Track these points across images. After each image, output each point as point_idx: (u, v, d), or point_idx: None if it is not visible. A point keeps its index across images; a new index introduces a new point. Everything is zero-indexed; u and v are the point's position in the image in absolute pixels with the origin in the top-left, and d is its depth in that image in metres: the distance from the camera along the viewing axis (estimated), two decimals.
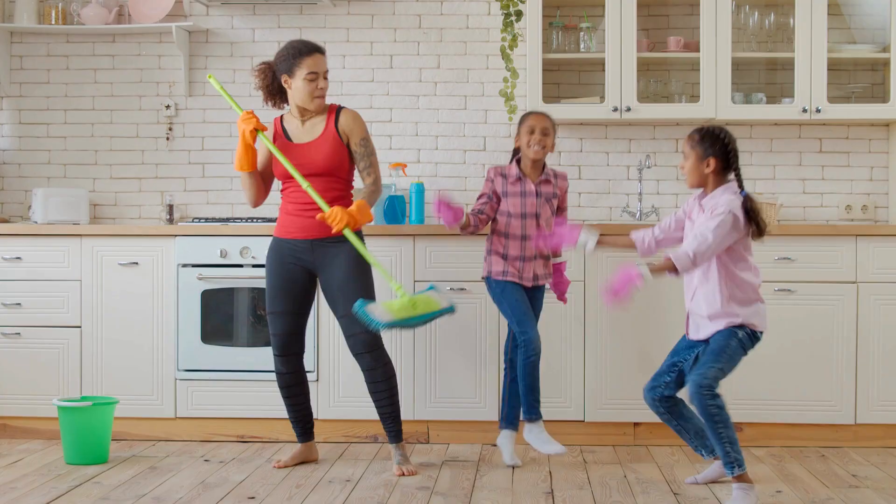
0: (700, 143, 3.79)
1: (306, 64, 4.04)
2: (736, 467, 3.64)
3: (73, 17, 5.40)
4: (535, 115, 4.34)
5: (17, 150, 5.51)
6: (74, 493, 3.84)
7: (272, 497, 3.78)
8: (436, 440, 4.80)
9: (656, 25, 5.31)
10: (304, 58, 4.04)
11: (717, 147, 3.77)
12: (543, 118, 4.31)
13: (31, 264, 4.87)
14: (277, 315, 4.21)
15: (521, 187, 4.30)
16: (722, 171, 3.79)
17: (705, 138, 3.78)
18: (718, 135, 3.78)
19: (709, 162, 3.77)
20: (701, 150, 3.78)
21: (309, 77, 4.04)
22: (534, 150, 4.26)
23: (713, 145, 3.77)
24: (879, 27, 5.20)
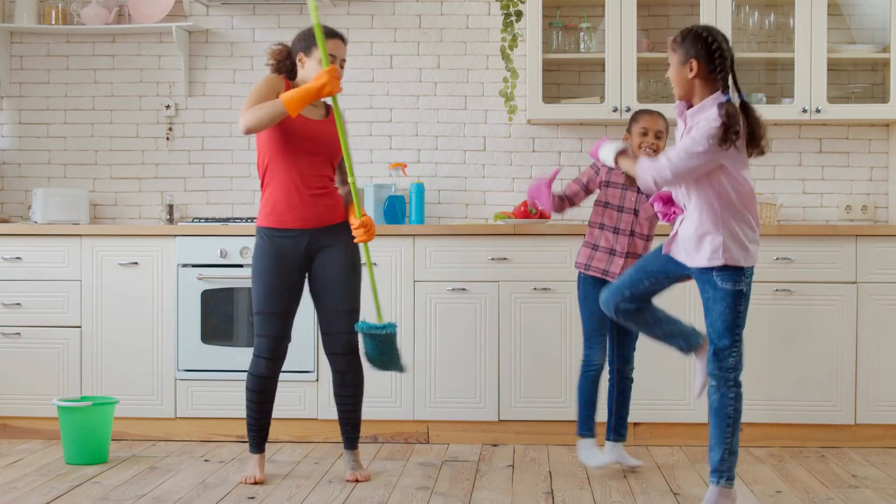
0: (681, 44, 3.34)
1: (328, 46, 3.88)
2: (724, 479, 3.39)
3: (73, 17, 5.41)
4: (648, 116, 4.09)
5: (17, 150, 5.51)
6: (74, 493, 3.84)
7: (272, 497, 3.78)
8: (436, 440, 4.80)
9: (656, 25, 5.31)
10: (325, 39, 3.87)
11: (699, 47, 3.30)
12: (657, 120, 4.09)
13: (31, 264, 4.87)
14: (271, 316, 3.96)
15: (624, 180, 4.13)
16: (709, 76, 3.32)
17: (686, 39, 3.33)
18: (700, 33, 3.31)
19: (691, 65, 3.33)
20: (682, 53, 3.33)
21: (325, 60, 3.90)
22: (646, 153, 4.05)
23: (694, 45, 3.31)
24: (879, 27, 5.20)
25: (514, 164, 5.35)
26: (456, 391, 4.76)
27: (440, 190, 5.37)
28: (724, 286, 3.39)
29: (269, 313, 3.97)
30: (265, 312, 3.97)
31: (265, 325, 3.98)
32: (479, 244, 4.75)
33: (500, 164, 5.36)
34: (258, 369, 4.01)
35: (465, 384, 4.75)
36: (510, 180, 5.35)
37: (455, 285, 4.75)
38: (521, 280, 4.74)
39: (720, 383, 3.41)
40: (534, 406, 4.75)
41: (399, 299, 4.76)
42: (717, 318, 3.42)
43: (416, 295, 4.76)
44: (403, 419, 4.77)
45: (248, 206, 5.42)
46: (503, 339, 4.75)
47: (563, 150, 5.34)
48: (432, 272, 4.76)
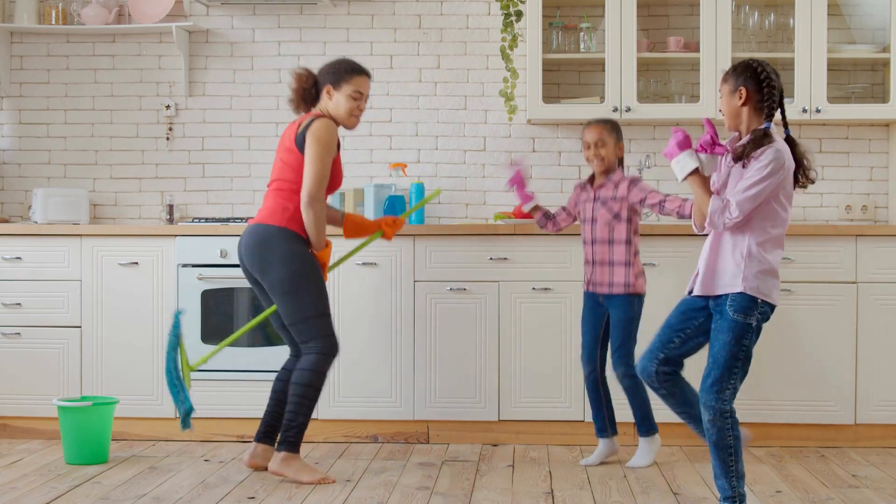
0: (732, 74, 3.40)
1: (355, 82, 4.08)
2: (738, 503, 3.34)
3: (73, 17, 5.41)
4: (588, 127, 4.33)
5: (17, 150, 5.51)
6: (74, 493, 3.84)
7: (272, 497, 3.78)
8: (436, 440, 4.80)
9: (656, 25, 5.31)
10: (355, 76, 4.09)
11: (749, 75, 3.35)
12: (595, 129, 4.30)
13: (31, 264, 4.87)
14: (329, 317, 4.07)
15: (585, 194, 4.38)
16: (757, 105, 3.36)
17: (737, 69, 3.39)
18: (751, 63, 3.37)
19: (740, 93, 3.36)
20: (732, 82, 3.38)
21: (354, 95, 4.08)
22: (594, 164, 4.32)
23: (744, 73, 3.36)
24: (879, 27, 5.20)
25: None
26: (456, 391, 4.76)
27: (440, 190, 5.36)
28: (734, 316, 3.34)
29: (328, 314, 4.05)
30: (328, 313, 4.05)
31: (330, 324, 4.05)
32: (479, 244, 4.75)
33: (501, 164, 5.35)
34: (331, 368, 4.08)
35: (465, 384, 4.75)
36: None
37: (455, 285, 4.75)
38: (521, 280, 4.74)
39: (716, 416, 3.33)
40: (534, 406, 4.75)
41: (399, 299, 4.76)
42: (721, 348, 3.35)
43: (416, 295, 4.76)
44: (403, 419, 4.77)
45: (248, 206, 5.42)
46: (503, 339, 4.75)
47: (563, 150, 5.34)
48: (432, 272, 4.76)
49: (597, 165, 4.31)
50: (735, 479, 3.34)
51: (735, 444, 3.33)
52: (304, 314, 3.99)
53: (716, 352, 3.36)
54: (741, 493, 3.34)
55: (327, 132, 3.98)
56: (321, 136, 3.97)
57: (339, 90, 4.07)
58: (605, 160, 4.28)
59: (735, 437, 3.33)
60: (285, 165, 4.06)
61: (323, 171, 3.96)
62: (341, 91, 4.06)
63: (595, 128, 4.30)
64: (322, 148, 3.96)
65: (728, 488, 3.34)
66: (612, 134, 4.30)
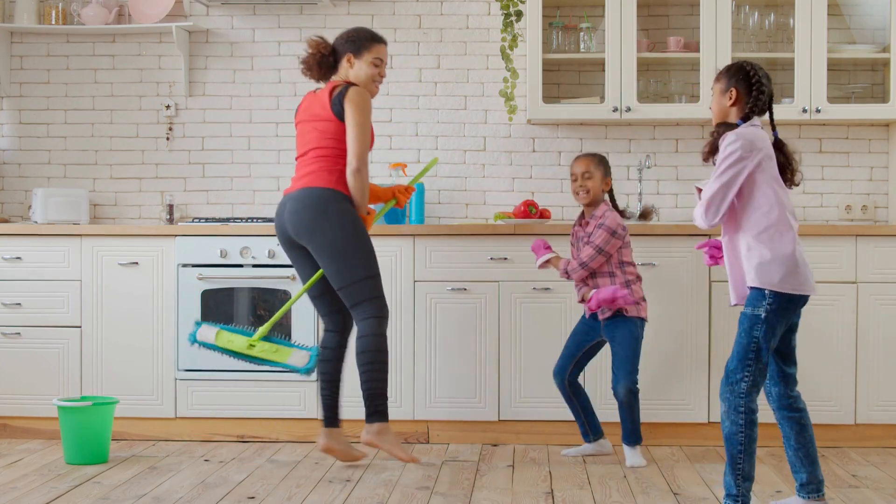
0: (724, 74, 3.44)
1: (377, 50, 4.15)
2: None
3: (73, 17, 5.41)
4: (576, 160, 4.42)
5: (17, 150, 5.51)
6: (74, 493, 3.84)
7: (272, 497, 3.78)
8: (436, 440, 4.80)
9: (656, 25, 5.31)
10: (375, 44, 4.16)
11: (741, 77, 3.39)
12: (583, 162, 4.38)
13: (31, 264, 4.87)
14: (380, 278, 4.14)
15: (576, 230, 4.46)
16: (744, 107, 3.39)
17: (730, 69, 3.43)
18: (743, 65, 3.41)
19: (731, 93, 3.40)
20: (724, 82, 3.43)
21: (375, 62, 4.15)
22: (580, 197, 4.39)
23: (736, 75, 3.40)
24: (879, 27, 5.20)
25: (514, 164, 5.35)
26: (456, 391, 4.76)
27: (440, 190, 5.37)
28: (744, 309, 3.35)
29: (380, 275, 4.09)
30: (380, 274, 4.09)
31: (381, 286, 4.10)
32: (479, 244, 4.76)
33: (500, 164, 5.36)
34: (386, 329, 4.09)
35: (465, 384, 4.75)
36: (510, 180, 5.35)
37: (455, 285, 4.75)
38: (521, 280, 4.74)
39: (730, 409, 3.31)
40: (534, 406, 4.75)
41: (399, 299, 4.76)
42: (735, 341, 3.36)
43: (416, 295, 4.76)
44: (403, 419, 4.77)
45: (248, 206, 5.42)
46: (503, 339, 4.75)
47: (563, 150, 5.34)
48: (432, 272, 4.76)
49: (582, 197, 4.38)
50: (741, 479, 3.30)
51: (746, 443, 3.28)
52: (357, 275, 4.01)
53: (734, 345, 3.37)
54: (746, 495, 3.31)
55: (365, 98, 4.05)
56: (361, 102, 4.03)
57: (359, 58, 4.14)
58: (591, 192, 4.35)
59: (747, 437, 3.28)
60: (324, 133, 4.09)
61: (367, 136, 4.03)
62: (362, 59, 4.13)
63: (583, 160, 4.39)
64: (363, 115, 4.02)
65: (733, 486, 3.31)
66: (599, 167, 4.37)
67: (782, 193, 3.35)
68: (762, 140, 3.33)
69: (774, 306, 3.30)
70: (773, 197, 3.32)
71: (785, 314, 3.33)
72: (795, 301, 3.33)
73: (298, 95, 5.37)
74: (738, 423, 3.30)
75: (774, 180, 3.34)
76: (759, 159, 3.30)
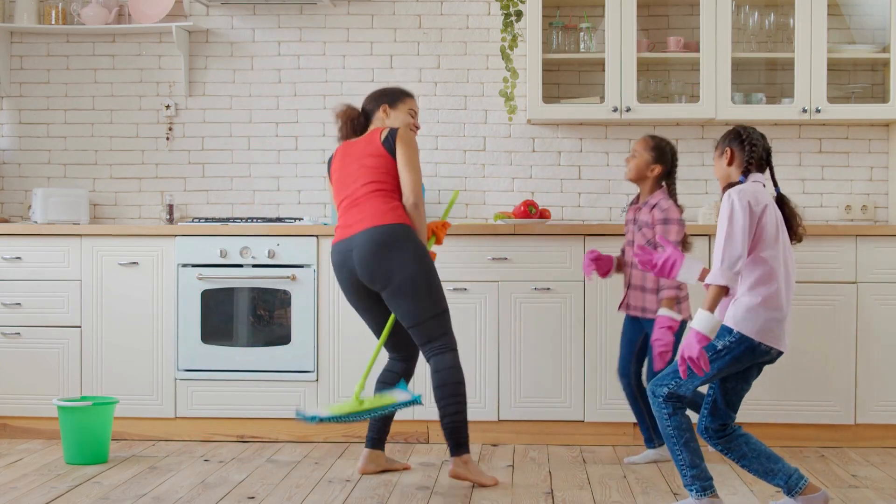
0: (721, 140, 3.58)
1: (410, 102, 4.26)
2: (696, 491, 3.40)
3: (73, 17, 5.41)
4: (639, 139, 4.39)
5: (17, 150, 5.51)
6: (74, 493, 3.84)
7: (272, 497, 3.78)
8: (436, 440, 4.80)
9: (656, 25, 5.31)
10: (410, 98, 4.26)
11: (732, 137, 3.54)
12: (638, 142, 4.35)
13: (31, 264, 4.87)
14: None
15: (629, 214, 4.39)
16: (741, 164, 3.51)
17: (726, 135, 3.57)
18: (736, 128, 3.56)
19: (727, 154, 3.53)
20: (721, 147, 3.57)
21: (411, 113, 4.24)
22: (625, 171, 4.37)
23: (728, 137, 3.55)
24: (879, 27, 5.20)
25: (514, 164, 5.35)
26: None
27: (440, 190, 5.37)
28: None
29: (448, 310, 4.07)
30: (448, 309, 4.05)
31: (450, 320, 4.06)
32: (479, 244, 4.75)
33: (500, 164, 5.36)
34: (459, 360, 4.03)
35: (465, 384, 4.74)
36: (510, 180, 5.35)
37: (455, 285, 4.75)
38: (521, 280, 4.74)
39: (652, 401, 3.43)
40: (534, 406, 4.75)
41: None
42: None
43: None
44: (403, 419, 4.77)
45: (248, 206, 5.42)
46: (503, 339, 4.75)
47: (563, 150, 5.34)
48: None
49: (626, 174, 4.38)
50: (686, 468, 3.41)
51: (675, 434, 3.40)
52: (434, 310, 3.95)
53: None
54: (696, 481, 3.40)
55: (414, 139, 4.13)
56: (412, 141, 4.10)
57: (395, 109, 4.21)
58: (633, 170, 4.31)
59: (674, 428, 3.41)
60: (376, 169, 4.03)
61: (420, 173, 4.08)
62: (398, 109, 4.21)
63: (638, 140, 4.36)
64: (415, 152, 4.08)
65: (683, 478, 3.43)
66: (648, 151, 4.28)
67: (780, 248, 3.39)
68: (763, 195, 3.40)
69: (734, 346, 3.34)
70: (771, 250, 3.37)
71: (742, 358, 3.36)
72: (757, 351, 3.35)
73: (299, 95, 5.38)
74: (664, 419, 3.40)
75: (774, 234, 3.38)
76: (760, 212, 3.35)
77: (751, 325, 3.33)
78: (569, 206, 5.32)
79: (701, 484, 3.40)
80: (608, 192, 5.32)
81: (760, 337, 3.34)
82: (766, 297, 3.34)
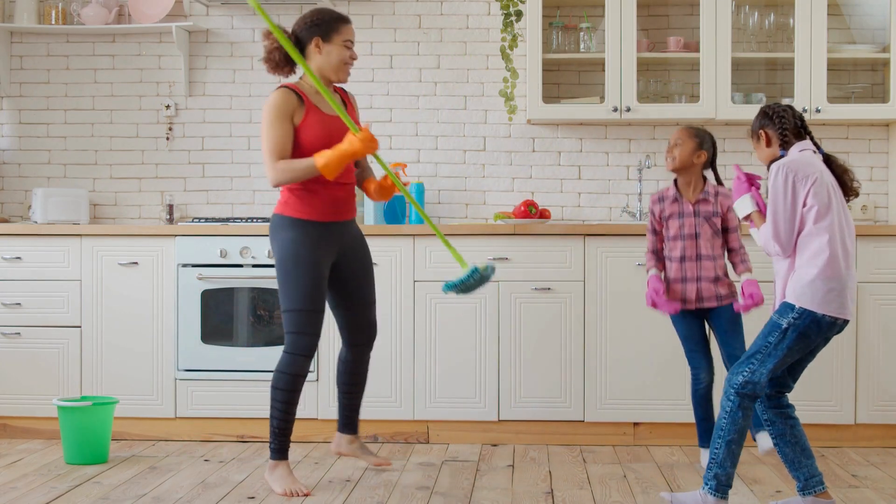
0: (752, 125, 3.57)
1: (346, 31, 3.87)
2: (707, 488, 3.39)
3: (73, 17, 5.41)
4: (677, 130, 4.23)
5: (17, 150, 5.51)
6: (74, 493, 3.84)
7: (272, 497, 3.78)
8: (436, 440, 4.80)
9: (656, 25, 5.31)
10: (343, 24, 3.86)
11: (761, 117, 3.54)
12: (678, 131, 4.19)
13: (31, 264, 4.87)
14: (315, 313, 3.83)
15: (678, 208, 4.19)
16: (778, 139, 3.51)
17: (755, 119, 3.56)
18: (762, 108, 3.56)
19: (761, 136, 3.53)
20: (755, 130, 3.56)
21: (346, 44, 3.88)
22: (667, 163, 4.19)
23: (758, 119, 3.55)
24: (879, 27, 5.20)
25: (514, 164, 5.35)
26: (456, 391, 4.76)
27: (440, 190, 5.37)
28: (773, 314, 3.41)
29: (312, 311, 3.82)
30: (310, 310, 3.82)
31: (310, 322, 3.82)
32: (479, 244, 4.75)
33: (500, 164, 5.36)
34: (298, 368, 3.84)
35: (465, 384, 4.75)
36: (510, 180, 5.35)
37: None
38: (521, 280, 4.74)
39: (725, 391, 3.41)
40: (534, 406, 4.75)
41: (399, 299, 4.76)
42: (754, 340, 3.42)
43: (416, 295, 4.76)
44: (403, 419, 4.78)
45: (248, 206, 5.42)
46: (503, 339, 4.75)
47: (563, 150, 5.34)
48: (432, 272, 4.76)
49: (668, 164, 4.18)
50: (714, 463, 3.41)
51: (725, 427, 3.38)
52: (285, 305, 3.86)
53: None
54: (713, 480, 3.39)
55: (267, 103, 3.81)
56: (264, 110, 3.81)
57: (329, 41, 3.85)
58: (677, 159, 4.15)
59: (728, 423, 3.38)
60: None
61: (268, 143, 3.77)
62: (332, 42, 3.85)
63: (677, 130, 4.21)
64: (264, 122, 3.79)
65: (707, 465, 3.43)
66: (691, 139, 4.16)
67: (834, 214, 3.36)
68: (809, 164, 3.38)
69: (798, 322, 3.34)
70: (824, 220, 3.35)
71: (807, 333, 3.35)
72: (822, 324, 3.34)
73: None
74: (726, 409, 3.38)
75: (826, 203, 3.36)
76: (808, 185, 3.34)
77: (810, 299, 3.32)
78: (569, 206, 5.32)
79: (719, 484, 3.38)
80: (608, 192, 5.32)
81: (823, 309, 3.32)
82: (823, 267, 3.32)
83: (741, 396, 3.36)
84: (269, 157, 3.77)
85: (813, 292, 3.33)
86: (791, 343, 3.35)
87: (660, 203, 4.23)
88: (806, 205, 3.35)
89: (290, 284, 3.82)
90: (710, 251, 4.14)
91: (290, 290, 3.82)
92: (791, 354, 3.38)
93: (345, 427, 4.22)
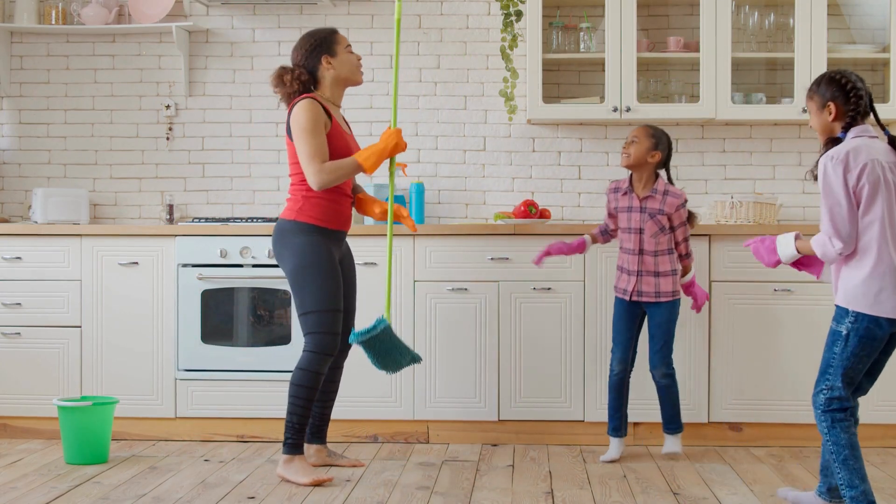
0: (817, 91, 3.36)
1: (342, 39, 4.13)
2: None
3: (73, 17, 5.41)
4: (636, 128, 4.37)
5: (17, 150, 5.51)
6: (74, 493, 3.84)
7: (272, 497, 3.78)
8: (436, 440, 4.80)
9: (656, 25, 5.31)
10: (338, 35, 4.13)
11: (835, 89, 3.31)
12: (636, 129, 4.34)
13: (31, 264, 4.87)
14: (338, 313, 4.01)
15: (628, 202, 4.36)
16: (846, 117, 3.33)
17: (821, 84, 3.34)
18: (834, 76, 3.32)
19: (829, 108, 3.33)
20: (819, 98, 3.34)
21: (348, 49, 4.13)
22: (622, 158, 4.34)
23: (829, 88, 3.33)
24: (879, 27, 5.20)
25: (514, 164, 5.35)
26: (456, 391, 4.76)
27: (440, 190, 5.37)
28: (832, 323, 3.34)
29: (336, 310, 4.01)
30: (334, 310, 4.00)
31: (335, 322, 4.01)
32: (479, 244, 4.75)
33: (500, 164, 5.36)
34: (322, 367, 4.01)
35: (465, 384, 4.75)
36: (510, 180, 5.35)
37: (455, 285, 4.75)
38: (521, 280, 4.75)
39: (815, 416, 3.32)
40: (534, 406, 4.75)
41: (399, 299, 4.76)
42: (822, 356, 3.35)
43: (416, 295, 4.76)
44: (403, 419, 4.78)
45: (248, 206, 5.42)
46: (503, 339, 4.75)
47: (563, 150, 5.34)
48: (432, 272, 4.76)
49: (622, 159, 4.34)
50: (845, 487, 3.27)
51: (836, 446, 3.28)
52: (307, 307, 3.99)
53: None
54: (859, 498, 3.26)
55: (303, 111, 3.95)
56: (298, 117, 3.96)
57: (336, 54, 4.09)
58: (632, 156, 4.29)
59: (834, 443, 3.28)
60: (289, 157, 4.09)
61: (312, 148, 3.93)
62: (338, 53, 4.10)
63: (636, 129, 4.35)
64: (301, 129, 3.94)
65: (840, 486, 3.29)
66: (647, 138, 4.29)
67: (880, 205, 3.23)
68: (862, 151, 3.24)
69: (856, 325, 3.26)
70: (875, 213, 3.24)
71: (869, 336, 3.25)
72: (881, 325, 3.24)
73: None
74: (823, 432, 3.30)
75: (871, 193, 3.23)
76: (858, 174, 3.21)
77: (863, 302, 3.23)
78: (569, 206, 5.32)
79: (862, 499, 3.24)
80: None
81: (876, 311, 3.21)
82: (872, 266, 3.22)
83: (830, 414, 3.27)
84: (312, 161, 3.93)
85: (864, 294, 3.22)
86: (855, 349, 3.25)
87: (614, 193, 4.42)
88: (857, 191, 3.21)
89: (313, 286, 3.99)
90: (652, 247, 4.30)
91: (314, 291, 3.99)
92: (861, 360, 3.26)
93: (313, 437, 4.27)
